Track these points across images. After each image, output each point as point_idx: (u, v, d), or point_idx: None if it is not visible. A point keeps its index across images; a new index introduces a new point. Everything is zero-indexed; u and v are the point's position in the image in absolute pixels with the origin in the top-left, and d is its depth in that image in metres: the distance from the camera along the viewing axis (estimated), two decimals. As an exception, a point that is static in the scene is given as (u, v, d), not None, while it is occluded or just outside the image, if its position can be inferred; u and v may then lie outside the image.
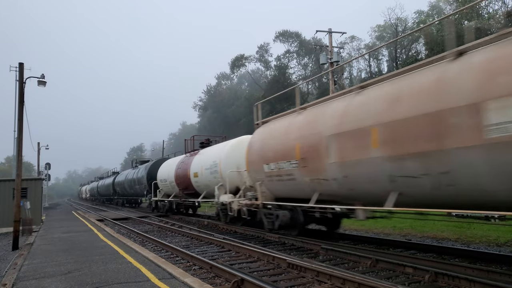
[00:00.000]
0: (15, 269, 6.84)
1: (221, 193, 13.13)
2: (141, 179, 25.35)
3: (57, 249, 9.01)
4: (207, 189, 14.70)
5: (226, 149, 13.57)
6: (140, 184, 25.63)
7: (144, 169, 25.08)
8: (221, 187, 13.27)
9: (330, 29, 20.65)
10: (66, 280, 5.75)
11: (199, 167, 15.15)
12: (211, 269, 6.73)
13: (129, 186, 29.63)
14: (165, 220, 17.71)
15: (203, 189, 15.28)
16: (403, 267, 6.26)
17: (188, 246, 9.91)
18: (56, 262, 7.23)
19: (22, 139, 11.74)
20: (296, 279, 6.03)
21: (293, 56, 51.17)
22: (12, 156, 50.80)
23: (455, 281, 5.41)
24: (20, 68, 12.19)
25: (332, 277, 5.59)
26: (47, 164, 40.99)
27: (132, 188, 28.72)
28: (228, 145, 13.94)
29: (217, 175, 13.56)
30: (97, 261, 7.12)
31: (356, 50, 49.11)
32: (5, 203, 16.15)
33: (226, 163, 13.14)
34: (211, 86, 68.21)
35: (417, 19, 40.11)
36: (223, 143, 14.94)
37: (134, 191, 28.50)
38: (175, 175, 18.11)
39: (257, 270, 6.74)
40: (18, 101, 11.80)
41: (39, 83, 13.41)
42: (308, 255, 8.07)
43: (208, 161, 14.44)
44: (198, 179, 15.29)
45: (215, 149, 14.78)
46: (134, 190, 28.39)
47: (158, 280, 5.44)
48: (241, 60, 52.21)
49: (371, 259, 6.83)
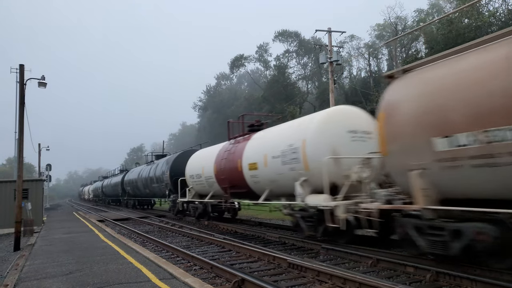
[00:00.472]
0: (16, 270, 6.86)
1: (306, 191, 8.75)
2: (161, 177, 20.55)
3: (58, 249, 9.03)
4: (273, 186, 10.32)
5: (315, 126, 8.82)
6: (160, 182, 20.91)
7: (166, 164, 20.21)
8: (305, 183, 8.77)
9: (330, 28, 20.64)
10: (68, 280, 5.76)
11: (260, 156, 10.63)
12: (211, 269, 6.74)
13: (144, 185, 24.93)
14: (165, 221, 17.73)
15: (264, 187, 10.74)
16: (404, 267, 6.26)
17: (189, 246, 9.92)
18: (57, 263, 7.24)
19: (23, 141, 11.76)
20: (297, 279, 6.03)
21: (292, 56, 51.15)
22: (13, 158, 50.89)
23: (457, 280, 5.41)
24: (21, 70, 12.21)
25: (333, 276, 5.59)
26: (48, 165, 41.04)
27: (148, 187, 24.09)
28: (316, 119, 9.08)
29: (298, 165, 8.93)
30: (98, 261, 7.13)
31: (356, 49, 49.09)
32: (6, 204, 16.18)
33: (315, 147, 8.50)
34: (211, 87, 68.25)
35: (417, 17, 40.09)
36: (302, 119, 10.26)
37: (151, 190, 23.85)
38: (215, 168, 13.56)
39: (257, 270, 6.74)
40: (18, 103, 11.82)
41: (39, 85, 13.43)
42: (309, 254, 8.07)
43: (279, 146, 9.82)
44: (259, 173, 10.77)
45: (289, 129, 10.08)
46: (150, 190, 23.80)
47: (159, 280, 5.44)
48: (241, 60, 52.22)
49: (372, 258, 6.83)
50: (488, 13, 28.38)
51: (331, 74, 20.61)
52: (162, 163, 21.29)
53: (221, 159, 13.19)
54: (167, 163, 20.13)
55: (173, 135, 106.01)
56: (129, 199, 31.66)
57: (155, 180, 21.91)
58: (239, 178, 11.73)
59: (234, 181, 12.19)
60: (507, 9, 28.50)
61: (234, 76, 63.89)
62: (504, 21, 28.01)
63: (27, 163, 66.99)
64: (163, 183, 20.24)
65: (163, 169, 20.46)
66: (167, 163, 20.24)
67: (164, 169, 20.20)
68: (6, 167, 74.29)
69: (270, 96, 45.72)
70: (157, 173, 21.43)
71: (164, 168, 20.28)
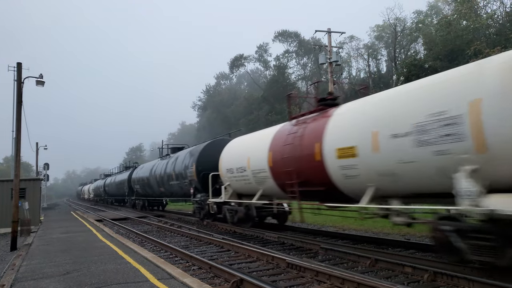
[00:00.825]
0: (13, 270, 6.82)
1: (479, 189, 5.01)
2: (183, 172, 16.78)
3: (56, 249, 8.99)
4: (387, 181, 6.68)
5: (501, 75, 5.04)
6: (182, 179, 17.02)
7: (190, 157, 16.37)
8: (475, 175, 5.07)
9: (329, 29, 20.67)
10: (65, 280, 5.74)
11: (364, 136, 6.95)
12: (210, 269, 6.72)
13: (159, 183, 20.88)
14: (164, 220, 17.69)
15: (366, 183, 7.06)
16: (402, 267, 6.26)
17: (187, 246, 9.90)
18: (54, 263, 7.21)
19: (20, 139, 11.72)
20: (296, 279, 6.02)
21: (292, 56, 51.24)
22: (10, 157, 50.73)
23: (454, 280, 5.41)
24: (18, 68, 12.17)
25: (331, 277, 5.58)
26: (45, 164, 40.88)
27: (163, 185, 20.10)
28: (498, 62, 5.24)
29: (458, 146, 5.32)
30: (96, 261, 7.10)
31: (355, 50, 49.19)
32: (3, 203, 16.12)
33: (503, 111, 4.90)
34: (210, 86, 68.26)
35: (416, 19, 40.21)
36: (457, 70, 5.87)
37: (167, 189, 19.81)
38: (270, 158, 9.99)
39: (256, 270, 6.73)
40: (16, 101, 11.77)
41: (37, 83, 13.39)
42: (308, 255, 8.07)
43: (407, 117, 6.14)
44: (359, 162, 7.05)
45: (428, 88, 6.06)
46: (167, 188, 19.71)
47: (157, 280, 5.42)
48: (240, 60, 52.26)
49: (370, 258, 6.83)
50: (486, 15, 28.49)
51: (331, 75, 20.64)
52: (184, 156, 17.37)
53: (282, 144, 9.37)
54: (192, 155, 16.26)
55: (172, 134, 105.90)
56: (138, 199, 27.49)
57: (175, 176, 17.95)
58: (317, 170, 8.13)
59: (307, 175, 8.51)
60: (505, 11, 28.61)
61: (234, 76, 63.94)
62: (502, 23, 28.12)
63: (25, 162, 66.83)
64: (186, 179, 16.43)
65: (186, 163, 16.61)
66: (191, 155, 16.37)
67: (187, 162, 16.37)
68: (3, 166, 74.04)
69: (269, 96, 45.75)
70: (178, 168, 17.61)
71: (187, 161, 16.43)
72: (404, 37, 39.96)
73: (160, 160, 22.20)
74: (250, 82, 62.41)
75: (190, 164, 15.94)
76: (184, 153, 17.94)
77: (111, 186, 37.65)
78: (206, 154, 15.41)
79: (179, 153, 19.10)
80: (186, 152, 17.71)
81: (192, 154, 16.38)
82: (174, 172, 18.09)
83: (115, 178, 36.48)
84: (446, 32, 28.28)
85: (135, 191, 27.36)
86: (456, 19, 29.03)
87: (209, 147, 15.72)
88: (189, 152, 17.13)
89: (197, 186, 15.51)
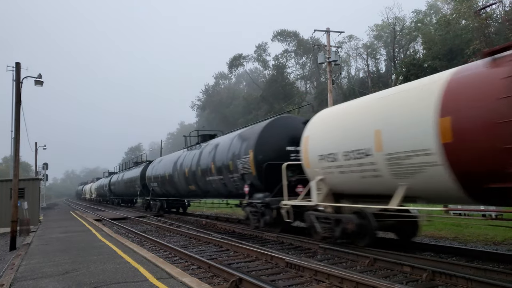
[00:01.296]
0: (12, 270, 6.82)
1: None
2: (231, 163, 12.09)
3: (55, 249, 8.99)
4: None
5: None
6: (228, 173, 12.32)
7: (241, 142, 11.83)
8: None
9: (328, 28, 20.68)
10: (64, 280, 5.74)
11: None
12: (209, 269, 6.73)
13: (188, 179, 16.03)
14: (163, 220, 17.69)
15: None
16: (401, 266, 6.28)
17: (186, 245, 9.90)
18: (53, 262, 7.21)
19: (19, 139, 11.70)
20: (294, 278, 6.04)
21: (291, 56, 51.25)
22: (9, 156, 50.65)
23: (453, 279, 5.43)
24: (17, 68, 12.14)
25: (330, 276, 5.60)
26: (44, 164, 40.85)
27: (196, 181, 15.24)
28: None
29: None
30: (95, 261, 7.10)
31: (354, 50, 49.23)
32: (2, 203, 16.10)
33: None
34: (209, 86, 68.32)
35: (415, 18, 40.25)
36: None
37: (201, 187, 15.08)
38: (444, 129, 5.57)
39: (255, 270, 6.74)
40: (15, 101, 11.76)
41: (36, 83, 13.38)
42: (306, 254, 8.08)
43: None
44: None
45: None
46: (201, 186, 14.99)
47: (156, 280, 5.43)
48: (239, 59, 52.28)
49: (369, 258, 6.85)
50: (485, 15, 28.52)
51: (330, 74, 20.65)
52: (230, 142, 12.66)
53: (494, 98, 5.02)
54: (244, 139, 11.64)
55: (171, 134, 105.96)
56: (155, 199, 22.44)
57: (215, 170, 13.22)
58: None
59: None
60: (504, 11, 28.66)
61: (233, 75, 63.98)
62: (501, 23, 28.16)
63: (24, 162, 66.75)
64: (235, 173, 11.81)
65: (234, 151, 11.93)
66: (242, 139, 11.75)
67: (238, 150, 11.69)
68: (2, 166, 73.95)
69: (268, 96, 45.77)
70: (219, 158, 12.99)
71: (238, 148, 11.74)
72: (403, 37, 40.01)
73: (188, 151, 17.23)
74: (249, 82, 62.43)
75: (244, 151, 11.26)
76: (228, 139, 13.18)
77: (118, 184, 32.53)
78: (267, 137, 10.74)
79: (217, 140, 14.57)
80: (232, 137, 12.85)
81: (244, 138, 11.69)
82: (214, 164, 13.27)
83: (123, 175, 31.03)
84: (445, 31, 28.33)
85: (151, 190, 22.42)
86: (455, 18, 29.07)
87: (271, 127, 10.92)
88: (238, 136, 12.28)
89: (254, 182, 10.93)
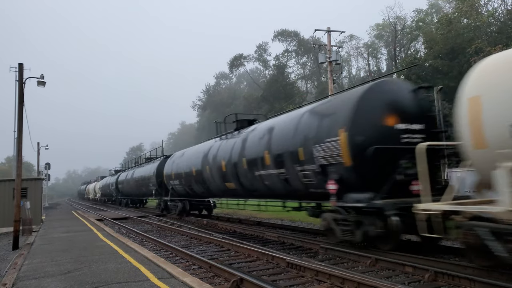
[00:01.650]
0: (15, 269, 6.85)
1: None
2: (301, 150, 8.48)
3: (57, 248, 9.01)
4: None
5: None
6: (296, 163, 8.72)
7: (319, 118, 8.34)
8: None
9: (329, 28, 20.66)
10: (66, 279, 5.76)
11: None
12: (210, 269, 6.73)
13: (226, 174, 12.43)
14: (164, 220, 17.71)
15: None
16: (402, 266, 6.26)
17: (188, 245, 9.91)
18: (56, 262, 7.24)
19: (22, 139, 11.74)
20: (296, 279, 6.03)
21: (291, 55, 51.21)
22: (12, 156, 50.83)
23: (455, 280, 5.41)
24: (20, 69, 12.18)
25: (332, 276, 5.59)
26: (47, 164, 40.99)
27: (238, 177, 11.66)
28: None
29: None
30: (96, 260, 7.12)
31: (355, 49, 49.17)
32: (5, 203, 16.17)
33: None
34: (210, 86, 68.35)
35: (416, 17, 40.14)
36: None
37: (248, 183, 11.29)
38: None
39: (256, 270, 6.74)
40: (18, 102, 11.79)
41: (38, 83, 13.42)
42: (308, 254, 8.08)
43: None
44: None
45: None
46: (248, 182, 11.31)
47: (158, 279, 5.44)
48: (240, 59, 52.27)
49: (371, 258, 6.83)
50: (487, 13, 28.42)
51: (330, 74, 20.63)
52: (296, 121, 9.09)
53: None
54: (324, 115, 8.24)
55: (172, 134, 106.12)
56: (175, 200, 18.87)
57: (273, 161, 9.56)
58: None
59: None
60: (506, 9, 28.55)
61: (233, 75, 63.98)
62: (503, 21, 28.05)
63: (26, 162, 66.96)
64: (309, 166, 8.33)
65: (307, 132, 8.46)
66: (321, 116, 8.35)
67: (313, 130, 8.29)
68: (5, 166, 74.26)
69: (269, 96, 45.76)
70: (279, 145, 9.42)
71: (313, 128, 8.33)
72: (404, 36, 39.91)
73: (221, 140, 13.44)
74: (249, 82, 62.41)
75: (326, 132, 7.85)
76: (289, 119, 9.57)
77: (127, 183, 29.19)
78: (367, 109, 7.42)
79: (268, 123, 10.78)
80: (297, 116, 9.22)
81: (325, 114, 8.23)
82: (270, 153, 9.64)
83: (133, 173, 27.76)
84: (447, 30, 28.21)
85: (171, 189, 18.73)
86: (457, 17, 28.96)
87: (371, 95, 7.57)
88: (309, 113, 8.75)
89: (347, 176, 7.54)
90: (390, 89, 7.86)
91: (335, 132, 7.57)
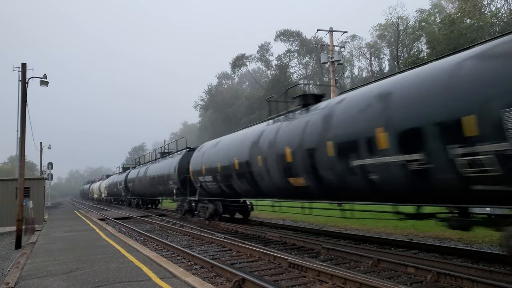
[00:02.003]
0: (18, 268, 6.87)
1: None
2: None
3: (59, 248, 9.04)
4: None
5: None
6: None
7: None
8: None
9: (331, 28, 20.63)
10: (68, 279, 5.78)
11: None
12: (212, 269, 6.74)
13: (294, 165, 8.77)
14: (166, 220, 17.74)
15: None
16: (405, 267, 6.25)
17: (189, 245, 9.92)
18: (58, 261, 7.26)
19: (24, 139, 11.79)
20: (297, 279, 6.03)
21: (294, 55, 51.20)
22: (15, 156, 51.05)
23: (458, 281, 5.39)
24: (23, 69, 12.22)
25: (333, 276, 5.58)
26: (49, 163, 41.14)
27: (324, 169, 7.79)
28: None
29: None
30: (98, 260, 7.14)
31: (357, 49, 49.08)
32: (8, 202, 16.24)
33: None
34: (212, 86, 68.38)
35: (419, 17, 40.02)
36: None
37: (340, 180, 7.44)
38: None
39: (258, 270, 6.74)
40: (20, 101, 11.84)
41: (41, 83, 13.47)
42: (309, 254, 8.07)
43: None
44: None
45: None
46: (338, 179, 7.50)
47: (160, 279, 5.45)
48: (242, 59, 52.31)
49: (373, 258, 6.82)
50: (490, 14, 28.30)
51: (333, 74, 20.60)
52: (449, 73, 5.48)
53: None
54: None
55: (175, 134, 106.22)
56: (204, 200, 15.55)
57: (393, 143, 6.15)
58: None
59: None
60: (509, 10, 28.42)
61: (236, 75, 64.00)
62: (506, 22, 27.92)
63: (29, 162, 67.24)
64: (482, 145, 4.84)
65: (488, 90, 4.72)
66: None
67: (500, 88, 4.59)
68: (8, 165, 74.58)
69: (271, 96, 45.70)
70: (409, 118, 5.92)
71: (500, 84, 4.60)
72: (407, 36, 39.82)
73: (279, 122, 10.25)
74: (251, 82, 62.40)
75: None
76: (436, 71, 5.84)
77: (140, 181, 25.49)
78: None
79: (378, 86, 7.09)
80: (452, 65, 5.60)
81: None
82: (389, 129, 6.25)
83: (146, 169, 24.14)
84: (450, 30, 28.12)
85: (199, 186, 15.37)
86: (460, 17, 28.86)
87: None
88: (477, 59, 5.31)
89: None
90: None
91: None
